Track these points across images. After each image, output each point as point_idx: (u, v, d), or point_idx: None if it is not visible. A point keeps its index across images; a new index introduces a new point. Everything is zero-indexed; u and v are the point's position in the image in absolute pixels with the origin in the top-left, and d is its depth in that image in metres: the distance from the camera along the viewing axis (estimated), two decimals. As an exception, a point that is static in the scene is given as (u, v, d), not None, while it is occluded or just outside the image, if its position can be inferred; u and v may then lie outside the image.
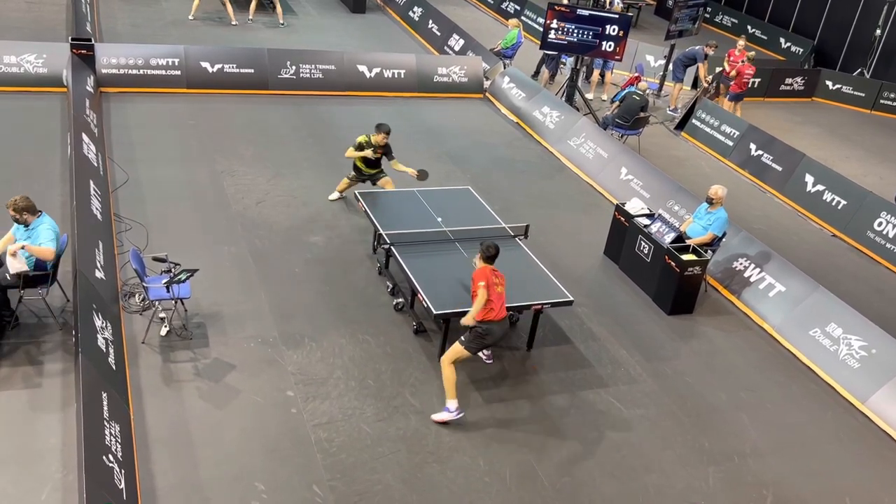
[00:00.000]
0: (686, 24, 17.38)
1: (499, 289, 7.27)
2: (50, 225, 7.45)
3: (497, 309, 7.21)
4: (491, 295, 7.14)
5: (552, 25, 14.57)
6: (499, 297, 7.26)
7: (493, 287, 7.17)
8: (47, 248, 7.33)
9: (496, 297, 7.22)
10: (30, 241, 7.35)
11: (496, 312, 7.21)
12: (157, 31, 16.98)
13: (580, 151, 13.50)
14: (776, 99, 19.04)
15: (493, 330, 7.24)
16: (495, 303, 7.19)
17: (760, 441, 7.73)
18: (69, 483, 6.05)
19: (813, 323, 9.20)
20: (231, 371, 7.55)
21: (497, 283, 7.24)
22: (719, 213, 9.68)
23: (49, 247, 7.34)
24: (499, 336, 7.39)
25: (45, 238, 7.35)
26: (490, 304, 7.15)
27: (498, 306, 7.23)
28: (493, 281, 7.19)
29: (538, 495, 6.72)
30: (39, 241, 7.34)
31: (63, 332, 7.65)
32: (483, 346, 7.39)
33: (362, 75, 15.07)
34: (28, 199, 7.38)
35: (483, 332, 7.21)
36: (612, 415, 7.79)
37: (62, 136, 11.51)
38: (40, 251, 7.33)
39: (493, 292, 7.16)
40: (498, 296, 7.25)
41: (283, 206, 10.63)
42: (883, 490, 7.37)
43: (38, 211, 7.48)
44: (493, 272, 7.28)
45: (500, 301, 7.28)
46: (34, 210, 7.42)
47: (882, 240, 11.90)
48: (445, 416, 7.27)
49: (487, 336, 7.25)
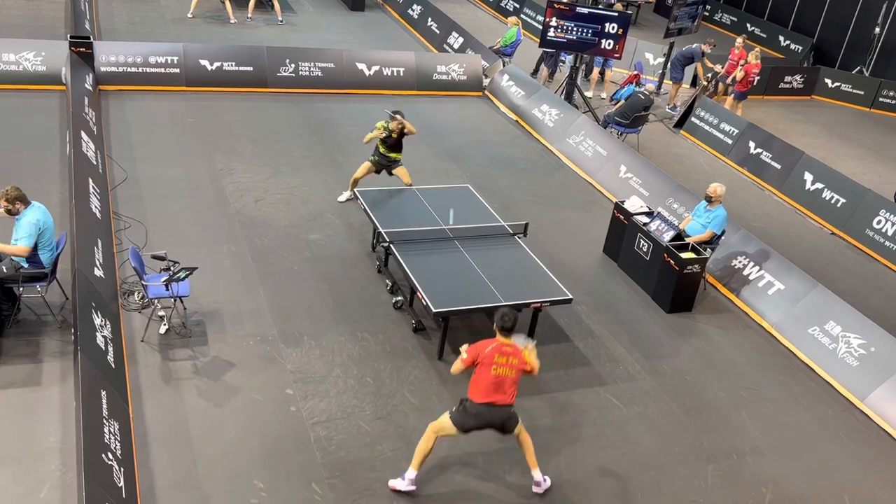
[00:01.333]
0: (685, 22, 17.38)
1: (499, 370, 6.09)
2: (34, 218, 7.33)
3: (485, 392, 6.10)
4: (480, 374, 6.10)
5: (551, 23, 14.57)
6: (495, 381, 6.10)
7: (487, 367, 6.07)
8: (19, 246, 7.31)
9: (490, 378, 6.08)
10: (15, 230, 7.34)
11: (485, 396, 6.11)
12: (156, 29, 16.97)
13: (579, 149, 13.50)
14: (775, 97, 19.05)
15: (480, 413, 6.16)
16: (488, 384, 6.09)
17: (759, 439, 7.73)
18: (68, 481, 6.05)
19: (812, 321, 9.20)
20: (230, 369, 7.56)
21: (499, 364, 6.09)
22: (718, 211, 9.68)
23: (21, 245, 7.30)
24: (489, 423, 6.23)
25: (21, 234, 7.30)
26: (481, 384, 6.11)
27: (487, 390, 6.09)
28: (492, 359, 6.09)
29: (537, 493, 6.72)
30: (17, 237, 7.31)
31: (62, 330, 7.65)
32: (466, 425, 6.22)
33: (361, 73, 15.07)
34: (18, 189, 7.33)
35: (467, 409, 6.20)
36: (610, 413, 7.79)
37: (61, 134, 11.50)
38: (12, 250, 7.32)
39: (484, 372, 6.08)
40: (494, 379, 6.09)
41: (282, 205, 10.63)
42: (882, 488, 7.38)
43: (29, 202, 7.41)
44: (499, 348, 6.13)
45: (498, 384, 6.11)
46: (25, 200, 7.37)
47: (881, 238, 11.91)
48: (398, 484, 6.45)
49: (472, 417, 6.18)
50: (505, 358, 6.12)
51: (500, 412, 6.20)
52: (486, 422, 6.22)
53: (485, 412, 6.15)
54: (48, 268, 7.58)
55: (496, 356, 6.10)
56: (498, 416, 6.21)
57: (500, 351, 6.12)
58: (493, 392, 6.10)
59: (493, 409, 6.16)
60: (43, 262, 7.52)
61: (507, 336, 6.19)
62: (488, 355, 6.09)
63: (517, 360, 6.16)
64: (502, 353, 6.12)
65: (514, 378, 6.18)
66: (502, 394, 6.14)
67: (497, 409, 6.17)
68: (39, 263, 7.51)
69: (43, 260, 7.51)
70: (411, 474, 6.42)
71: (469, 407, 6.19)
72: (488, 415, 6.17)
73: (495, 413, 6.18)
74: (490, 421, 6.23)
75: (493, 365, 6.08)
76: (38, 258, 7.48)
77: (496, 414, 6.19)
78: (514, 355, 6.16)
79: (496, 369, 6.09)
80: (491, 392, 6.10)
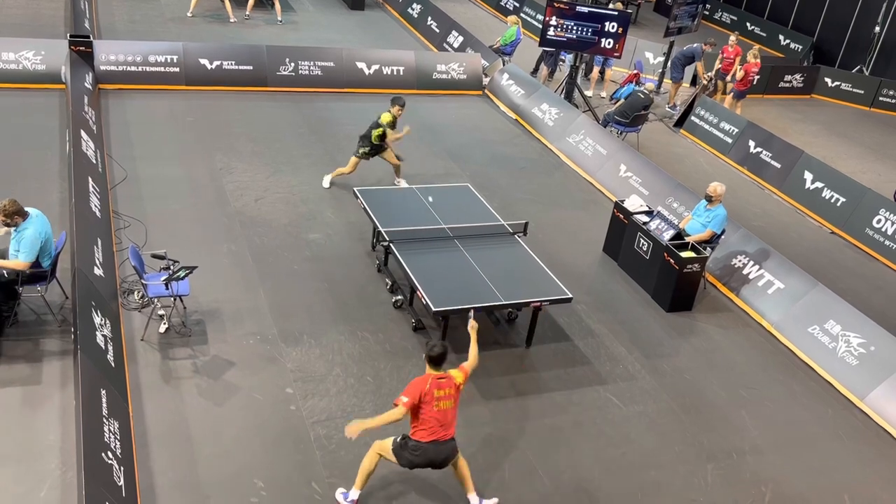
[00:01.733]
0: (685, 21, 17.37)
1: (440, 404, 5.91)
2: (35, 233, 7.30)
3: (435, 428, 5.92)
4: (424, 413, 5.90)
5: (551, 22, 14.56)
6: (438, 416, 5.91)
7: (429, 405, 5.88)
8: (19, 262, 7.27)
9: (433, 415, 5.90)
10: (17, 243, 7.30)
11: (432, 432, 5.93)
12: (156, 28, 16.96)
13: (579, 148, 13.49)
14: (775, 96, 19.04)
15: (424, 450, 5.99)
16: (434, 421, 5.91)
17: (759, 438, 7.74)
18: (68, 480, 6.06)
19: (812, 320, 9.21)
20: (230, 368, 7.55)
21: (440, 398, 5.91)
22: (718, 210, 9.67)
23: (22, 260, 7.27)
24: (432, 459, 6.04)
25: (24, 248, 7.25)
26: (426, 423, 5.93)
27: (433, 427, 5.92)
28: (433, 396, 5.89)
29: (537, 493, 6.72)
30: (17, 250, 7.27)
31: (62, 329, 7.65)
32: (406, 462, 6.06)
33: (361, 72, 15.06)
34: (15, 202, 7.25)
35: (412, 447, 6.00)
36: (610, 412, 7.79)
37: (61, 133, 11.49)
38: (13, 265, 7.28)
39: (427, 411, 5.89)
40: (437, 415, 5.91)
41: (281, 204, 10.63)
42: (882, 487, 7.38)
43: (27, 213, 7.35)
44: (435, 382, 5.93)
45: (441, 419, 5.93)
46: (23, 212, 7.31)
47: (881, 237, 11.91)
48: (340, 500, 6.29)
49: (417, 453, 6.00)
50: (443, 391, 5.94)
51: (444, 448, 6.04)
52: (430, 460, 6.05)
53: (430, 450, 5.99)
54: (48, 269, 7.59)
55: (435, 391, 5.91)
56: (442, 453, 6.05)
57: (437, 385, 5.93)
58: (438, 428, 5.96)
59: (438, 446, 6.00)
60: (43, 266, 7.53)
61: (438, 367, 6.00)
62: (428, 392, 5.89)
63: (452, 389, 6.00)
64: (439, 386, 5.94)
65: (454, 406, 6.04)
66: (446, 428, 6.00)
67: (441, 446, 6.02)
68: (39, 266, 7.52)
69: (43, 265, 7.52)
70: (354, 495, 6.25)
71: (412, 445, 6.01)
72: (433, 452, 6.01)
73: (440, 449, 6.03)
74: (433, 459, 6.05)
75: (435, 401, 5.90)
76: (39, 264, 7.48)
77: (441, 450, 6.03)
78: (449, 385, 5.98)
79: (438, 404, 5.91)
80: (436, 429, 5.95)
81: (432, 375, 5.97)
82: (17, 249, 7.31)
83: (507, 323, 8.89)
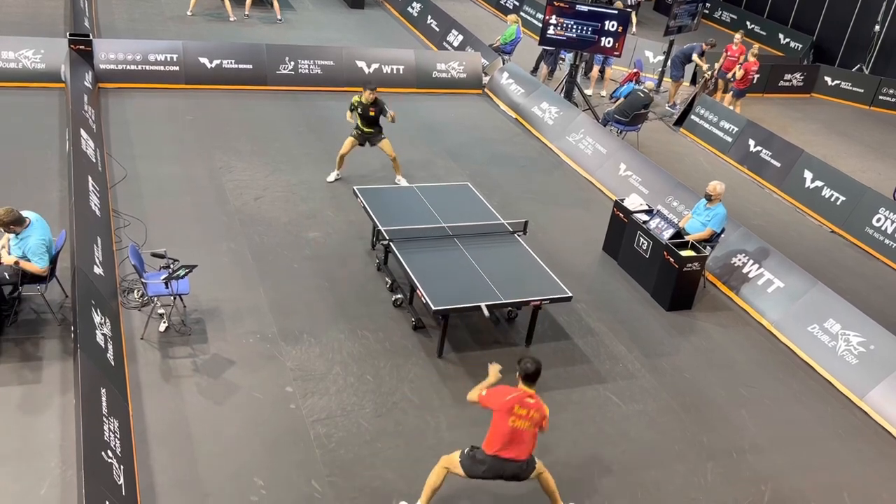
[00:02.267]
0: (685, 19, 17.37)
1: (517, 423, 5.65)
2: (40, 238, 7.32)
3: (504, 444, 5.69)
4: (497, 423, 5.67)
5: (551, 21, 14.56)
6: (511, 433, 5.68)
7: (505, 416, 5.64)
8: (39, 267, 7.31)
9: (506, 430, 5.66)
10: (20, 249, 7.33)
11: (497, 447, 5.72)
12: (156, 27, 16.96)
13: (579, 147, 13.49)
14: (775, 95, 19.05)
15: (491, 466, 5.79)
16: (503, 436, 5.67)
17: (759, 436, 7.74)
18: (68, 479, 6.06)
19: (811, 319, 9.21)
20: (230, 367, 7.56)
21: (518, 416, 5.65)
22: (718, 209, 9.68)
23: (39, 266, 7.31)
24: (501, 475, 5.85)
25: (36, 253, 7.29)
26: (496, 435, 5.72)
27: (501, 442, 5.69)
28: (513, 410, 5.64)
29: (537, 491, 6.72)
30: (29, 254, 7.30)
31: (62, 328, 7.65)
32: (473, 473, 5.87)
33: (361, 71, 15.05)
34: (12, 211, 7.23)
35: (479, 459, 5.83)
36: (610, 410, 7.80)
37: (60, 131, 11.49)
38: (32, 268, 7.32)
39: (501, 421, 5.65)
40: (510, 431, 5.67)
41: (281, 202, 10.63)
42: (881, 485, 7.39)
43: (26, 219, 7.36)
44: (522, 398, 5.67)
45: (513, 438, 5.69)
46: (21, 220, 7.30)
47: (881, 236, 11.91)
48: None
49: (482, 466, 5.81)
50: (525, 410, 5.67)
51: (513, 468, 5.82)
52: (497, 474, 5.85)
53: (496, 465, 5.79)
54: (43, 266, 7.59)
55: (516, 407, 5.65)
56: (509, 470, 5.84)
57: (521, 402, 5.66)
58: (507, 445, 5.71)
59: (507, 464, 5.80)
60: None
61: (531, 385, 5.75)
62: (507, 404, 5.65)
63: (538, 415, 5.72)
64: (523, 404, 5.66)
65: (533, 433, 5.76)
66: (516, 449, 5.73)
67: (511, 465, 5.80)
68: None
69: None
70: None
71: (479, 455, 5.83)
72: (498, 468, 5.80)
73: (509, 468, 5.82)
74: (500, 473, 5.85)
75: (512, 416, 5.64)
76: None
77: (510, 469, 5.83)
78: (535, 409, 5.70)
79: (514, 421, 5.64)
80: (505, 445, 5.70)
81: (522, 391, 5.73)
82: (23, 255, 7.34)
83: (507, 322, 8.90)
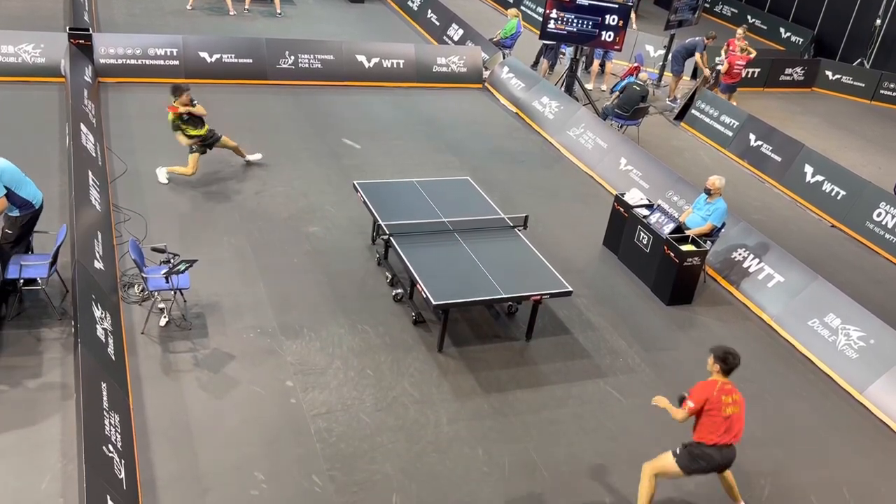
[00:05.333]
0: (686, 14, 17.33)
1: (729, 410, 6.03)
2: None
3: (721, 433, 6.04)
4: (713, 418, 6.00)
5: (552, 15, 14.53)
6: (726, 422, 6.03)
7: (718, 410, 5.98)
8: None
9: (722, 421, 6.01)
10: None
11: (720, 437, 6.04)
12: (156, 21, 16.92)
13: (579, 142, 13.48)
14: (776, 89, 19.01)
15: (710, 456, 6.10)
16: (719, 426, 6.02)
17: (758, 431, 7.75)
18: (69, 473, 6.07)
19: (811, 313, 9.21)
20: (230, 361, 7.56)
21: (727, 404, 6.02)
22: (718, 203, 9.67)
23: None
24: (718, 464, 6.19)
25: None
26: (713, 428, 6.02)
27: (722, 430, 6.03)
28: (721, 401, 5.99)
29: (537, 485, 6.74)
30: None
31: (62, 322, 7.66)
32: (695, 470, 6.18)
33: (361, 65, 15.03)
34: None
35: (697, 455, 6.11)
36: (610, 404, 7.81)
37: (60, 126, 11.48)
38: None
39: (715, 415, 5.99)
40: (725, 421, 6.02)
41: (281, 197, 10.62)
42: (880, 479, 7.40)
43: None
44: (723, 388, 6.03)
45: (729, 425, 6.06)
46: None
47: (881, 230, 11.90)
48: None
49: (702, 461, 6.12)
50: (730, 397, 6.03)
51: (729, 453, 6.14)
52: (716, 465, 6.17)
53: (715, 455, 6.08)
54: (37, 204, 7.63)
55: (723, 397, 5.99)
56: (727, 457, 6.16)
57: (725, 391, 6.02)
58: (725, 433, 6.03)
59: (724, 451, 6.11)
60: (28, 198, 7.56)
61: (728, 375, 6.10)
62: (716, 398, 5.98)
63: (739, 396, 6.11)
64: (727, 392, 6.03)
65: (741, 414, 6.12)
66: (732, 434, 6.07)
67: (727, 450, 6.12)
68: (28, 204, 7.56)
69: (27, 196, 7.55)
70: None
71: (697, 452, 6.09)
72: (718, 457, 6.10)
73: (725, 454, 6.13)
74: (720, 463, 6.18)
75: (724, 406, 5.99)
76: (20, 198, 7.50)
77: (726, 455, 6.14)
78: (735, 392, 6.09)
79: (727, 409, 6.00)
80: (723, 434, 6.02)
81: (720, 381, 6.05)
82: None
83: (507, 316, 8.90)
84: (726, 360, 6.05)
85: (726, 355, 6.06)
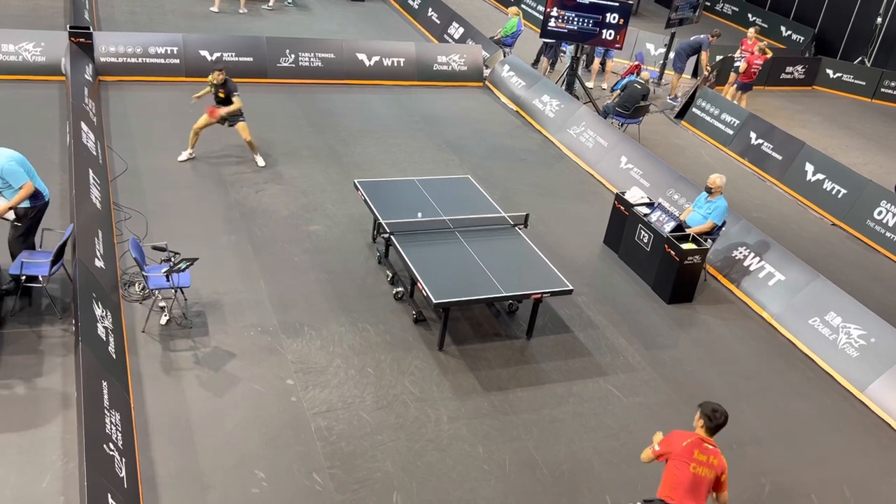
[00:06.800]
0: (686, 12, 17.32)
1: (698, 469, 5.47)
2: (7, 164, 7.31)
3: (683, 492, 5.45)
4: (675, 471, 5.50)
5: (552, 13, 14.52)
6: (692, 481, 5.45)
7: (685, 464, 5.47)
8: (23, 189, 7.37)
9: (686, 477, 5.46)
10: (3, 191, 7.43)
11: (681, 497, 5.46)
12: (156, 19, 16.92)
13: (580, 140, 13.48)
14: (776, 87, 19.00)
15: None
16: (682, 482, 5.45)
17: (759, 429, 7.75)
18: (70, 471, 6.07)
19: (812, 312, 9.21)
20: (231, 360, 7.57)
21: (699, 463, 5.48)
22: (719, 201, 9.67)
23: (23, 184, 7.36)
24: None
25: (13, 179, 7.35)
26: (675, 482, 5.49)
27: (681, 490, 5.45)
28: (692, 456, 5.49)
29: (537, 483, 6.75)
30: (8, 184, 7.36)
31: (63, 321, 7.66)
32: None
33: (361, 63, 15.03)
34: None
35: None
36: (610, 403, 7.81)
37: (61, 124, 11.48)
38: (21, 195, 7.38)
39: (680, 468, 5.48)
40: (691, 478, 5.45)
41: (282, 195, 10.62)
42: (881, 478, 7.40)
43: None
44: (700, 443, 5.54)
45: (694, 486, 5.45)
46: None
47: (882, 228, 11.90)
48: None
49: None
50: (706, 457, 5.52)
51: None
52: None
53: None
54: (47, 196, 7.71)
55: (696, 452, 5.52)
56: None
57: (699, 447, 5.55)
58: (687, 494, 5.47)
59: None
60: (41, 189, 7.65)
61: (712, 434, 5.63)
62: (686, 450, 5.53)
63: (717, 462, 5.54)
64: (703, 450, 5.54)
65: (711, 481, 5.54)
66: (696, 498, 5.47)
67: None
68: (40, 195, 7.63)
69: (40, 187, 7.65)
70: None
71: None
72: None
73: None
74: None
75: (693, 462, 5.49)
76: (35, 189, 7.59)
77: None
78: (714, 455, 5.54)
79: (695, 468, 5.48)
80: (685, 494, 5.46)
81: (699, 436, 5.62)
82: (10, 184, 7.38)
83: (508, 315, 8.90)
84: (711, 417, 5.61)
85: (713, 413, 5.62)
